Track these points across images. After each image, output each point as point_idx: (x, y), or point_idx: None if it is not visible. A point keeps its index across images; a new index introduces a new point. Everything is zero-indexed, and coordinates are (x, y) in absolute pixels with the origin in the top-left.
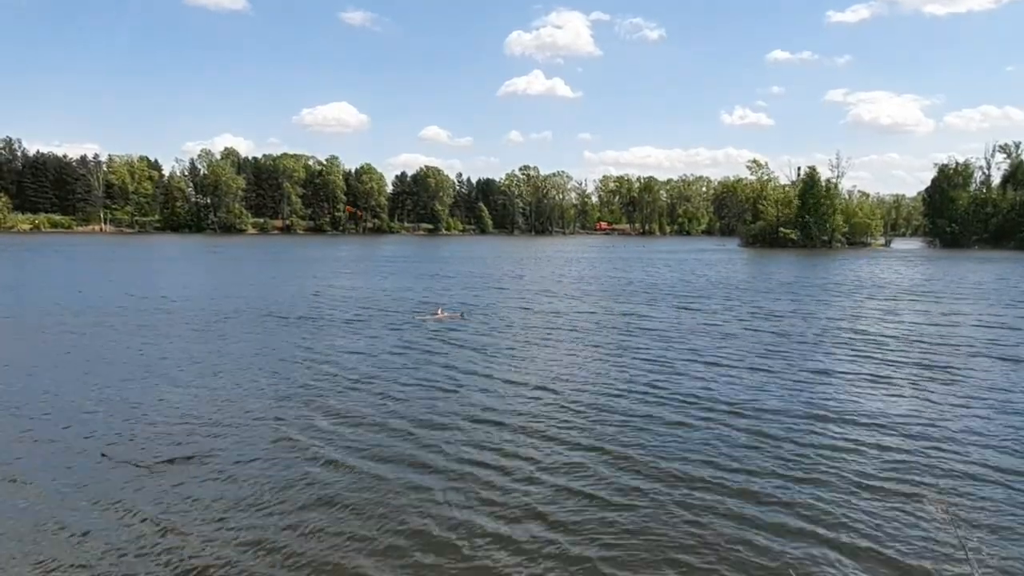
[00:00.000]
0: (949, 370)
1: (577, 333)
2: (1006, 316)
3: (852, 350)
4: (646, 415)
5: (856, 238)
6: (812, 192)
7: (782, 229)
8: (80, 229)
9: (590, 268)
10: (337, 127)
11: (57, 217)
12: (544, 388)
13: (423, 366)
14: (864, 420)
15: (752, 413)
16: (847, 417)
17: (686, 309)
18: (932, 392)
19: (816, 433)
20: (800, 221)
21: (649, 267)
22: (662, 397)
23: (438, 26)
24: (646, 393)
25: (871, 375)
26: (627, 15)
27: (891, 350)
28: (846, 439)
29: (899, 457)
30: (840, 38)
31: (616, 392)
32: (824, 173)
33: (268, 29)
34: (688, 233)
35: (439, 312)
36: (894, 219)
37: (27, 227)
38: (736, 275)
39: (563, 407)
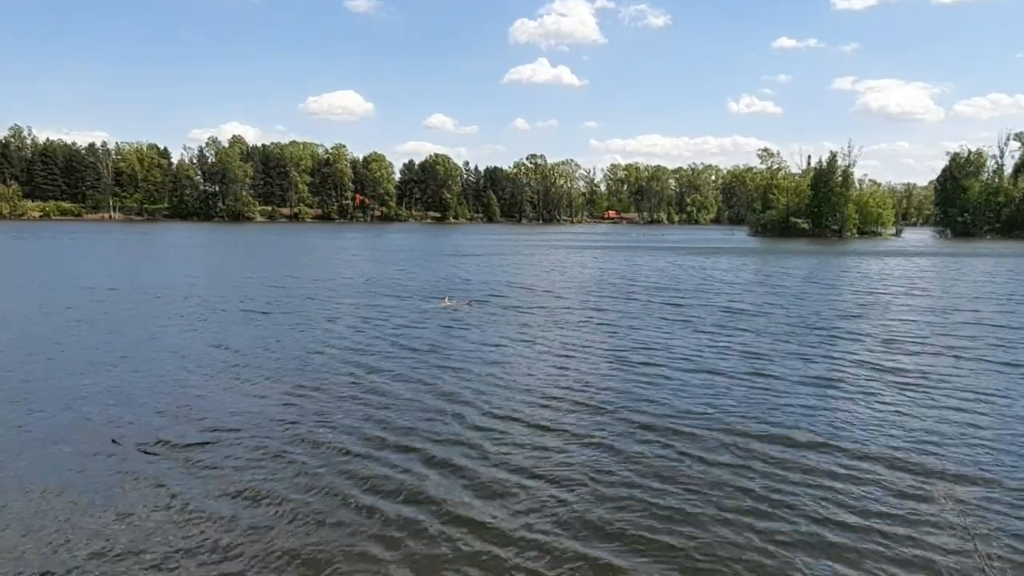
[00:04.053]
0: (954, 369)
1: (567, 331)
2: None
3: (861, 351)
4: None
5: (867, 227)
6: (826, 181)
7: (793, 218)
8: (89, 216)
9: (591, 262)
10: (343, 115)
11: (67, 204)
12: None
13: (430, 355)
14: (864, 418)
15: (750, 413)
16: (847, 414)
17: (679, 306)
18: (935, 390)
19: (816, 428)
20: (812, 210)
21: (652, 260)
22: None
23: (443, 14)
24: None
25: (877, 373)
26: (632, 2)
27: (900, 351)
28: (846, 435)
29: (902, 452)
30: (847, 25)
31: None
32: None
33: (274, 17)
34: (696, 222)
35: (446, 300)
36: (905, 208)
37: (37, 214)
38: (749, 272)
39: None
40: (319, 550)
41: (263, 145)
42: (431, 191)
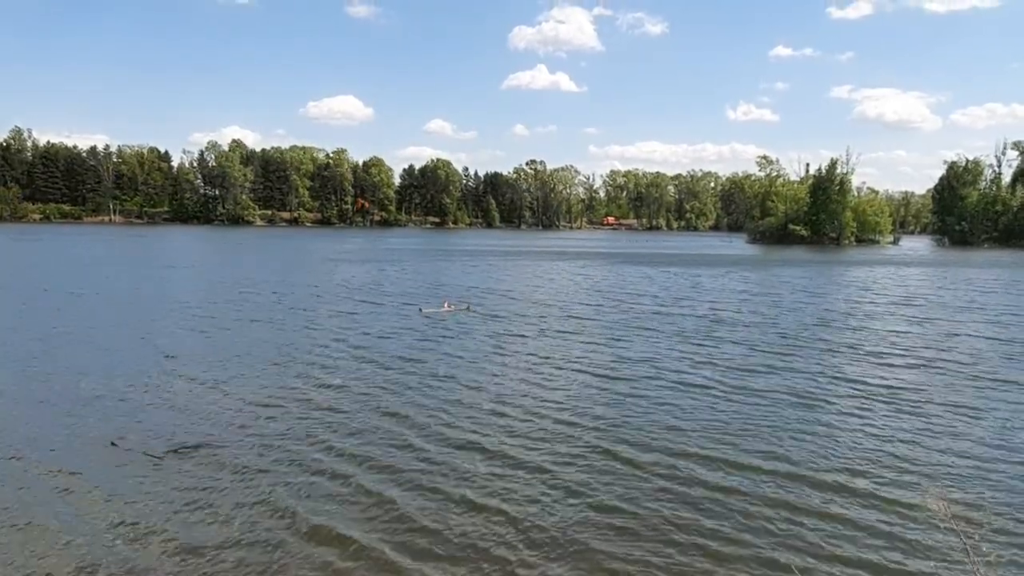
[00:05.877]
0: (943, 381)
1: (552, 343)
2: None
3: (847, 363)
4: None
5: (865, 235)
6: (824, 188)
7: (791, 225)
8: (89, 219)
9: (583, 271)
10: (343, 120)
11: (67, 207)
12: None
13: (428, 356)
14: (861, 418)
15: (734, 426)
16: (845, 415)
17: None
18: (923, 402)
19: (814, 429)
20: (811, 218)
21: (646, 269)
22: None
23: (442, 20)
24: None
25: (864, 387)
26: (629, 10)
27: (888, 364)
28: (843, 438)
29: (898, 456)
30: (843, 34)
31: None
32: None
33: (274, 22)
34: (695, 229)
35: (446, 304)
36: (903, 216)
37: (37, 217)
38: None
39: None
40: (279, 559)
41: (263, 149)
42: (431, 196)
